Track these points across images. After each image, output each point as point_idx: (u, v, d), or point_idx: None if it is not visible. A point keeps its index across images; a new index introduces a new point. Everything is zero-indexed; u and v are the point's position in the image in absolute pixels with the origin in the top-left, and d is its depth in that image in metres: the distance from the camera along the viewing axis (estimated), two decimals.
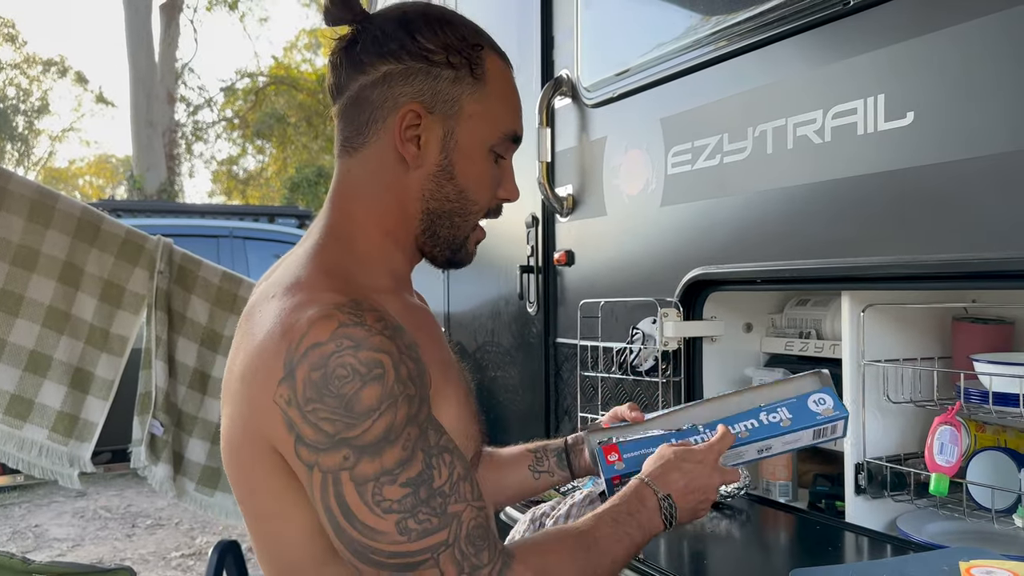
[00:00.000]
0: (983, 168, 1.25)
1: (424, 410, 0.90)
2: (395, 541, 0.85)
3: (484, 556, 0.88)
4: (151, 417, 2.69)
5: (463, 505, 0.89)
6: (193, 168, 20.33)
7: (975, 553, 1.22)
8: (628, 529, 1.03)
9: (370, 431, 0.85)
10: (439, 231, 1.06)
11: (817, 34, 1.51)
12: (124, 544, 4.79)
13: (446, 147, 1.03)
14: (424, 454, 0.88)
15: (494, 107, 1.05)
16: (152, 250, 2.71)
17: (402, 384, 0.87)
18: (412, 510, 0.85)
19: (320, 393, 0.85)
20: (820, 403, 1.20)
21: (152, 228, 5.78)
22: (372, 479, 0.85)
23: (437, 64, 1.01)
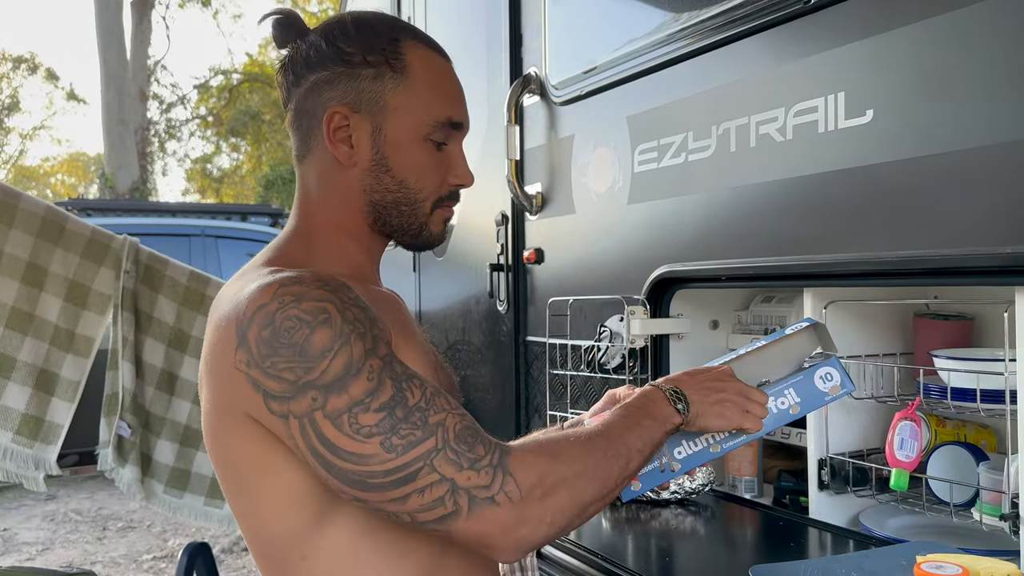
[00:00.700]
0: (941, 165, 1.26)
1: (383, 347, 0.93)
2: (384, 460, 0.87)
3: (479, 450, 0.90)
4: (118, 419, 2.66)
5: (443, 414, 0.91)
6: (166, 166, 20.12)
7: (934, 547, 1.24)
8: (638, 418, 1.02)
9: (329, 370, 0.88)
10: (390, 220, 1.11)
11: (779, 32, 1.52)
12: (95, 547, 4.74)
13: (376, 142, 1.07)
14: (392, 381, 0.90)
15: (421, 97, 1.08)
16: (118, 249, 2.68)
17: (351, 324, 0.91)
18: (392, 429, 0.88)
19: (273, 347, 0.89)
20: (827, 379, 1.13)
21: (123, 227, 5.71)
22: (345, 411, 0.88)
23: (356, 65, 1.06)
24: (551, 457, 0.93)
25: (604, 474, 0.96)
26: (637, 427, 1.01)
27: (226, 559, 4.45)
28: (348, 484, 0.90)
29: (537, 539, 0.91)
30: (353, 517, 1.00)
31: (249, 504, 1.03)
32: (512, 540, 0.89)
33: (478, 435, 0.91)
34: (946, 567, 0.84)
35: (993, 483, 1.35)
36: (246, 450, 0.98)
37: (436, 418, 0.90)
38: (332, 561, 1.00)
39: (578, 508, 0.94)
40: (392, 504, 0.89)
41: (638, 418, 1.02)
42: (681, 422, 1.05)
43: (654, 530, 1.54)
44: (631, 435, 1.00)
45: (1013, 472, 1.27)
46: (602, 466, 0.96)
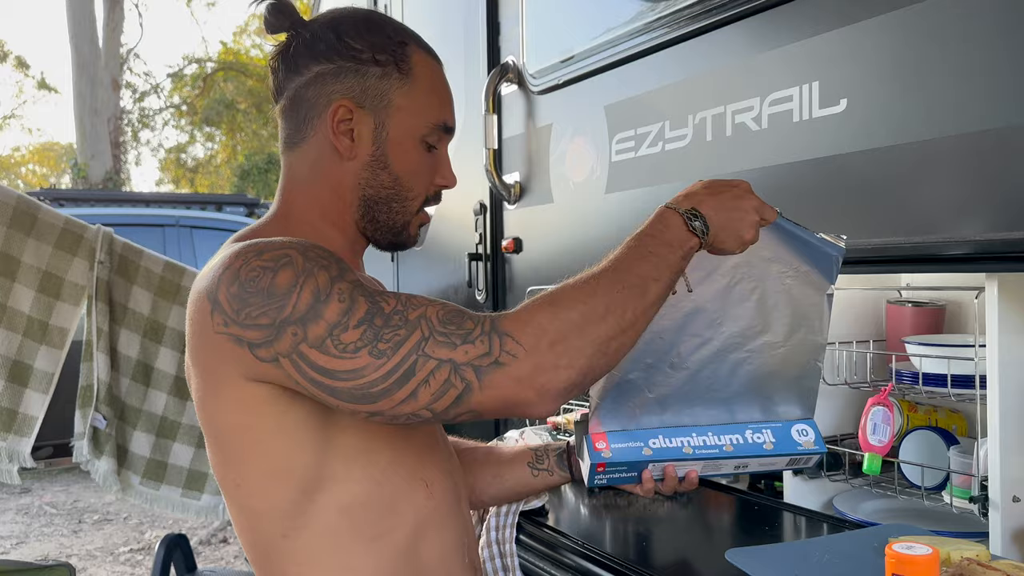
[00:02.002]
0: (913, 154, 1.28)
1: (350, 274, 0.95)
2: (378, 366, 0.89)
3: (468, 324, 0.90)
4: (93, 410, 2.63)
5: (423, 307, 0.92)
6: (140, 156, 19.89)
7: (906, 530, 1.26)
8: (650, 247, 0.97)
9: (299, 303, 0.90)
10: (378, 216, 1.13)
11: (754, 21, 1.53)
12: (70, 540, 4.70)
13: (378, 138, 1.10)
14: (364, 296, 0.92)
15: (422, 100, 1.12)
16: (92, 240, 2.65)
17: (312, 261, 0.93)
18: (376, 337, 0.89)
19: (243, 300, 0.92)
20: (803, 434, 1.22)
21: (96, 217, 5.62)
22: (327, 336, 0.90)
23: (364, 62, 1.09)
24: (550, 305, 0.91)
25: (619, 307, 0.92)
26: (650, 256, 0.97)
27: (204, 551, 4.43)
28: (356, 401, 0.91)
29: (561, 383, 0.90)
30: (335, 497, 1.01)
31: (236, 477, 1.04)
32: (534, 391, 0.88)
33: (464, 314, 0.92)
34: (917, 548, 0.86)
35: (963, 466, 1.38)
36: (234, 420, 1.00)
37: (416, 313, 0.91)
38: (311, 541, 1.02)
39: (596, 345, 0.91)
40: (406, 405, 0.89)
41: (651, 246, 0.98)
42: (699, 244, 1.01)
43: (631, 516, 1.56)
44: (644, 264, 0.96)
45: (982, 455, 1.30)
46: (615, 300, 0.92)
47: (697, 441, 1.19)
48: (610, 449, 1.17)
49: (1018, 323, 1.27)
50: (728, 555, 1.17)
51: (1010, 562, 1.03)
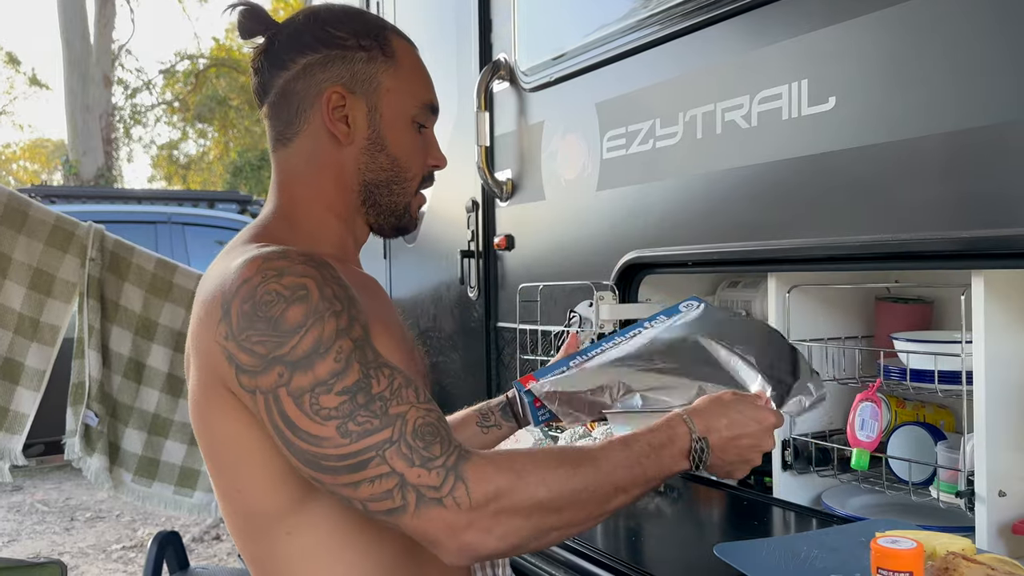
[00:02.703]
0: (901, 152, 1.29)
1: (357, 329, 0.94)
2: (339, 444, 0.88)
3: (435, 449, 0.89)
4: (84, 407, 2.63)
5: (406, 407, 0.91)
6: (132, 153, 19.81)
7: (893, 525, 1.27)
8: (642, 459, 0.97)
9: (299, 346, 0.89)
10: (380, 200, 1.15)
11: (744, 19, 1.54)
12: (63, 538, 4.69)
13: (373, 121, 1.12)
14: (360, 365, 0.91)
15: (408, 80, 1.15)
16: (83, 237, 2.65)
17: (328, 302, 0.92)
18: (351, 414, 0.88)
19: (251, 321, 0.91)
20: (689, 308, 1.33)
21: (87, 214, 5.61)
22: (308, 390, 0.89)
23: (350, 48, 1.10)
24: (515, 474, 0.90)
25: (578, 508, 0.93)
26: (638, 467, 0.97)
27: (196, 548, 4.43)
28: (304, 463, 0.91)
29: (485, 550, 0.90)
30: None
31: (235, 483, 1.03)
32: (456, 544, 0.88)
33: (439, 434, 0.90)
34: (902, 541, 0.86)
35: (950, 462, 1.39)
36: (229, 428, 0.99)
37: (397, 409, 0.90)
38: (316, 537, 1.02)
39: (537, 532, 0.91)
40: (345, 489, 0.89)
41: (643, 458, 0.98)
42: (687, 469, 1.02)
43: (621, 511, 1.56)
44: (627, 473, 0.96)
45: (968, 451, 1.31)
46: (578, 500, 0.93)
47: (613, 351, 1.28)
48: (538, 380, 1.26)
49: (1004, 319, 1.28)
50: (716, 550, 1.18)
51: (994, 556, 1.04)
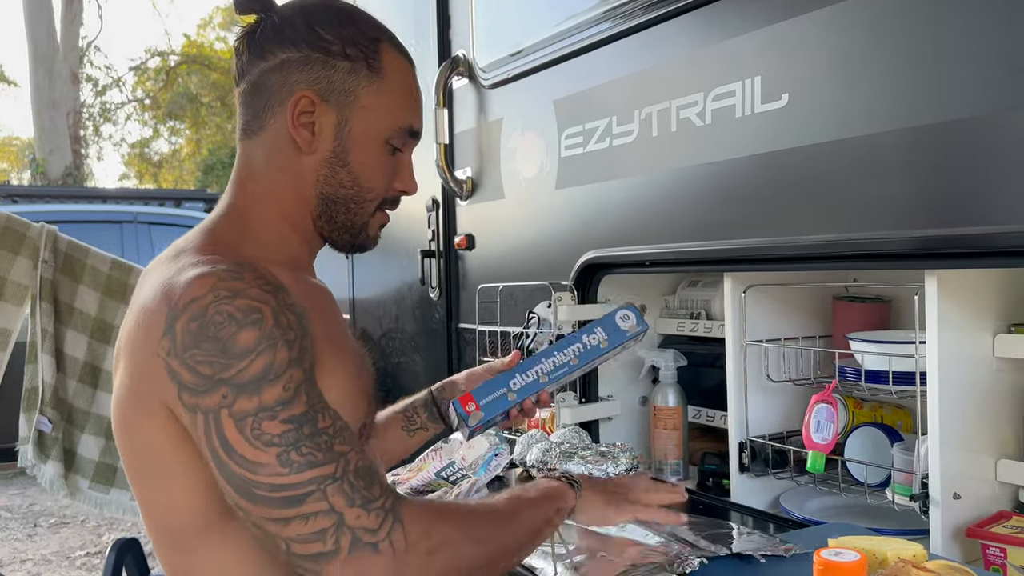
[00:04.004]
0: (854, 149, 1.27)
1: (308, 361, 0.91)
2: (277, 473, 0.84)
3: (375, 490, 0.87)
4: (38, 413, 2.57)
5: (348, 447, 0.89)
6: (102, 151, 19.53)
7: (846, 529, 1.25)
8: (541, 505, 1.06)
9: (247, 370, 0.86)
10: (336, 216, 1.09)
11: (698, 15, 1.51)
12: (25, 544, 4.60)
13: (339, 135, 1.06)
14: (308, 399, 0.88)
15: (390, 100, 1.08)
16: (35, 238, 2.58)
17: (282, 330, 0.89)
18: (295, 443, 0.85)
19: (197, 340, 0.87)
20: (625, 320, 1.32)
21: (52, 214, 5.49)
22: (251, 414, 0.85)
23: (334, 55, 1.04)
24: (439, 514, 0.92)
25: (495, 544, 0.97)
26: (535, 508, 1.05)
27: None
28: (235, 489, 0.87)
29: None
30: None
31: (157, 495, 1.00)
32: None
33: (377, 476, 0.89)
34: (845, 553, 0.84)
35: (905, 464, 1.37)
36: (159, 443, 0.95)
37: (341, 448, 0.88)
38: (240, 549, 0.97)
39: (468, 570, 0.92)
40: (272, 524, 0.85)
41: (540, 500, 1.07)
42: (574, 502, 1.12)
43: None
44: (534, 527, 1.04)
45: (923, 453, 1.29)
46: (497, 535, 0.98)
47: (548, 365, 1.29)
48: (480, 408, 1.27)
49: (958, 319, 1.27)
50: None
51: (944, 562, 1.02)
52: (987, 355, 1.30)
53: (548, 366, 1.29)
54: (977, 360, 1.30)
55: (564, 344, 1.31)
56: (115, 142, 20.49)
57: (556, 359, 1.29)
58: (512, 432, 1.89)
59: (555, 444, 1.64)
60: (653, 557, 1.16)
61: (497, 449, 1.63)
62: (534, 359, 1.30)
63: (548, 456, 1.59)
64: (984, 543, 1.22)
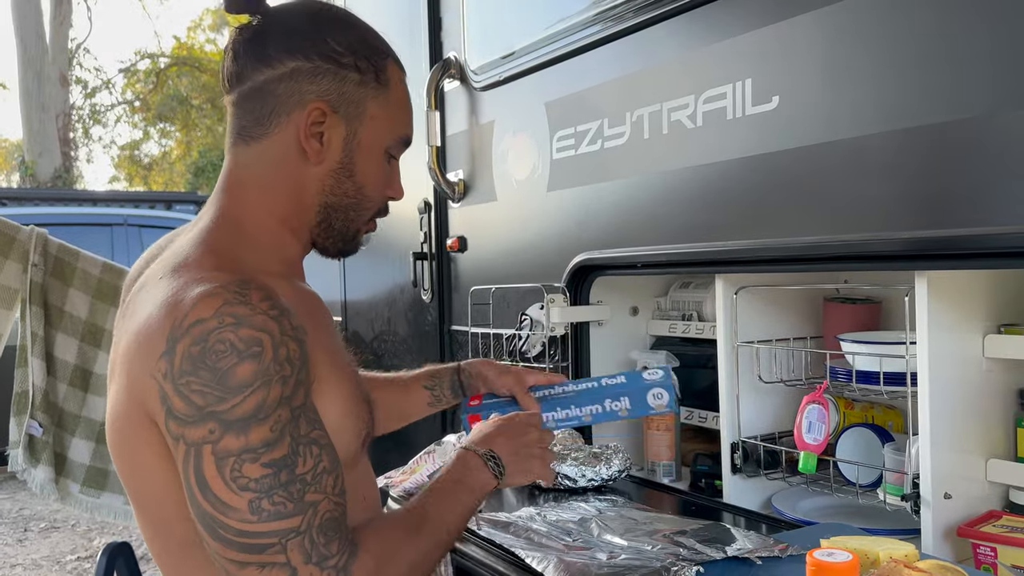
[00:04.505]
0: (844, 151, 1.27)
1: (300, 395, 0.91)
2: (245, 519, 0.85)
3: (333, 547, 0.90)
4: (28, 417, 2.56)
5: (321, 496, 0.90)
6: (91, 153, 19.44)
7: (838, 529, 1.26)
8: (458, 496, 1.10)
9: (240, 407, 0.86)
10: (334, 224, 1.10)
11: (690, 18, 1.52)
12: (15, 549, 4.57)
13: (348, 146, 1.07)
14: (292, 439, 0.89)
15: (394, 112, 1.10)
16: (25, 241, 2.57)
17: (279, 365, 0.89)
18: (268, 491, 0.86)
19: (195, 366, 0.87)
20: (658, 398, 1.30)
21: (42, 217, 5.46)
22: (234, 455, 0.86)
23: (345, 67, 1.05)
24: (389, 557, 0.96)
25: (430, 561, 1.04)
26: (458, 504, 1.09)
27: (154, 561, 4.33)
28: (202, 524, 0.88)
29: None
30: None
31: (154, 507, 1.00)
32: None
33: (340, 529, 0.91)
34: (837, 554, 0.84)
35: (896, 464, 1.38)
36: (152, 461, 0.95)
37: (314, 496, 0.89)
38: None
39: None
40: (229, 563, 0.87)
41: (457, 493, 1.10)
42: (497, 485, 1.15)
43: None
44: (451, 515, 1.08)
45: (914, 453, 1.30)
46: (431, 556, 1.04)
47: (561, 415, 1.33)
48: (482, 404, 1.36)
49: (948, 320, 1.27)
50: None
51: (936, 562, 1.03)
52: (977, 355, 1.31)
53: (560, 415, 1.33)
54: (967, 360, 1.30)
55: (584, 399, 1.32)
56: (105, 144, 20.38)
57: (571, 412, 1.33)
58: None
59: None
60: (648, 564, 1.16)
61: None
62: (551, 401, 1.33)
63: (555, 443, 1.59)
64: (975, 542, 1.22)
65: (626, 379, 1.33)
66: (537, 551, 1.22)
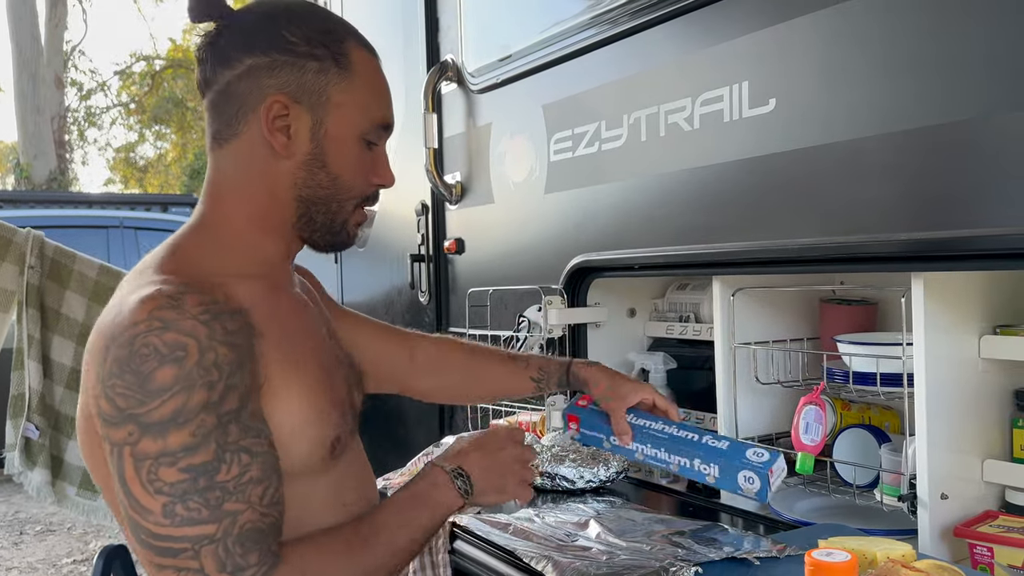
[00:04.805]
0: (840, 154, 1.28)
1: (231, 401, 0.90)
2: (159, 523, 0.86)
3: (252, 558, 0.88)
4: (25, 420, 2.55)
5: (244, 506, 0.88)
6: (87, 156, 19.39)
7: (836, 530, 1.26)
8: (414, 513, 1.04)
9: (157, 411, 0.86)
10: (315, 217, 1.08)
11: (686, 20, 1.52)
12: (11, 552, 4.56)
13: (316, 136, 1.04)
14: (217, 446, 0.88)
15: (362, 96, 1.07)
16: (21, 244, 2.56)
17: (204, 370, 0.88)
18: (183, 496, 0.86)
19: (121, 369, 0.87)
20: (749, 481, 1.19)
21: (38, 219, 5.45)
22: (151, 457, 0.86)
23: (301, 56, 1.02)
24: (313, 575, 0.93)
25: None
26: (413, 522, 1.03)
27: None
28: (126, 519, 0.89)
29: None
30: None
31: (116, 507, 0.99)
32: None
33: (262, 542, 0.89)
34: (836, 554, 0.85)
35: (893, 464, 1.39)
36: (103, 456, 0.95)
37: (234, 506, 0.87)
38: None
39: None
40: (149, 566, 0.88)
41: (413, 510, 1.04)
42: (463, 504, 1.08)
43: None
44: (402, 533, 1.02)
45: (910, 454, 1.31)
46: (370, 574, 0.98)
47: (650, 452, 1.27)
48: (579, 432, 1.33)
49: (944, 321, 1.28)
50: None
51: (933, 562, 1.03)
52: (973, 356, 1.32)
53: (650, 452, 1.27)
54: (963, 361, 1.31)
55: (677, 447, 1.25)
56: (100, 147, 20.35)
57: (659, 454, 1.27)
58: None
59: (547, 447, 1.64)
60: (647, 565, 1.16)
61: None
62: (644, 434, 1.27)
63: (540, 459, 1.59)
64: (971, 542, 1.23)
65: (728, 447, 1.23)
66: (536, 552, 1.23)
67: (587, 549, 1.25)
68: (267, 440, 0.93)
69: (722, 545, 1.21)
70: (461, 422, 2.26)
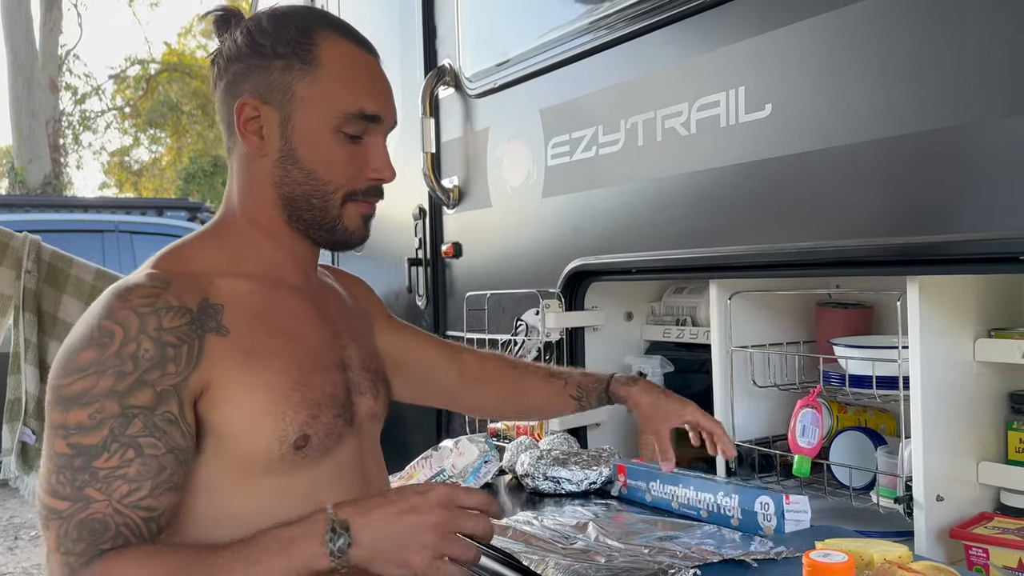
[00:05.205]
0: (836, 158, 1.29)
1: (142, 397, 0.91)
2: (40, 485, 0.92)
3: (79, 547, 0.89)
4: (21, 424, 2.55)
5: (103, 498, 0.89)
6: (81, 160, 19.35)
7: (832, 532, 1.27)
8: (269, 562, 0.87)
9: (70, 387, 0.90)
10: (302, 214, 1.08)
11: (683, 26, 1.53)
12: (5, 557, 4.55)
13: (284, 133, 1.06)
14: (109, 434, 0.90)
15: (329, 89, 1.06)
16: (18, 248, 2.56)
17: (120, 359, 0.91)
18: (58, 469, 0.90)
19: (66, 351, 0.93)
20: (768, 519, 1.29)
21: (33, 224, 5.43)
22: (54, 427, 0.91)
23: (267, 56, 1.05)
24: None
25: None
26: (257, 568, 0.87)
27: None
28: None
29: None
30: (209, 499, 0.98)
31: None
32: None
33: (97, 537, 0.88)
34: (833, 555, 0.86)
35: (889, 467, 1.40)
36: None
37: (91, 493, 0.89)
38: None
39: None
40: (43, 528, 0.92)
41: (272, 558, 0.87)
42: (333, 569, 0.88)
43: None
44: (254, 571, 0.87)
45: (906, 456, 1.32)
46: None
47: (684, 500, 1.42)
48: (625, 486, 1.53)
49: (939, 325, 1.29)
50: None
51: (929, 563, 1.04)
52: (968, 359, 1.33)
53: (684, 500, 1.41)
54: (958, 364, 1.32)
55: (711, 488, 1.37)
56: (95, 151, 20.34)
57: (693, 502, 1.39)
58: (501, 439, 1.91)
59: (545, 451, 1.65)
60: (645, 567, 1.17)
61: (487, 456, 1.64)
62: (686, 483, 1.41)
63: (539, 463, 1.60)
64: (967, 544, 1.24)
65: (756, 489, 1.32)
66: (535, 554, 1.23)
67: (586, 552, 1.25)
68: (172, 446, 0.92)
69: (720, 547, 1.22)
70: (459, 426, 2.26)
